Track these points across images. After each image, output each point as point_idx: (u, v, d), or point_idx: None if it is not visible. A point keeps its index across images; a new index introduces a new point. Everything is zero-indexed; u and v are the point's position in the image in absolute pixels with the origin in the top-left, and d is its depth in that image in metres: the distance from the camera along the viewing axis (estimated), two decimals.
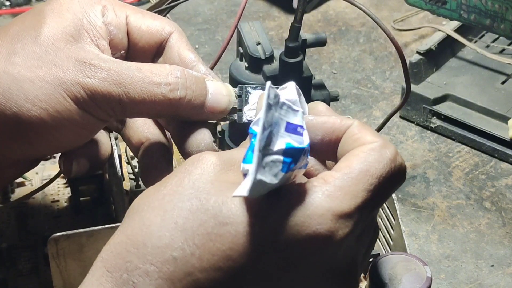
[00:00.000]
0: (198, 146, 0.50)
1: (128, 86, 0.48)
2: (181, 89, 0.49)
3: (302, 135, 0.41)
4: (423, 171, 0.76)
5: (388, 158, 0.42)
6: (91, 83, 0.48)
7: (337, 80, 0.89)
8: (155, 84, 0.48)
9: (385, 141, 0.43)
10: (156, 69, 0.49)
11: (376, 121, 0.82)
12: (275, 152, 0.39)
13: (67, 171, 0.54)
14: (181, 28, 0.54)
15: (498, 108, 0.79)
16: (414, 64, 0.81)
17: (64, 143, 0.51)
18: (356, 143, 0.43)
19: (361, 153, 0.42)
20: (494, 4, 0.74)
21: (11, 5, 0.98)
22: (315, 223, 0.39)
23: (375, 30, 0.96)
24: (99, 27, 0.50)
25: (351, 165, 0.41)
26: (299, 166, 0.41)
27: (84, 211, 0.66)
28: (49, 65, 0.48)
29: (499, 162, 0.77)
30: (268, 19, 0.99)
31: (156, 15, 0.54)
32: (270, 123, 0.39)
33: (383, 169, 0.42)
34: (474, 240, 0.69)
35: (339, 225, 0.40)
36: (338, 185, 0.40)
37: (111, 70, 0.48)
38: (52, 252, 0.54)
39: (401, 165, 0.43)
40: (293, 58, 0.61)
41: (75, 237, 0.54)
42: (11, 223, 0.65)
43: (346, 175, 0.41)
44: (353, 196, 0.40)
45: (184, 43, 0.53)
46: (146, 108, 0.49)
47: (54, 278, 0.55)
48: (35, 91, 0.47)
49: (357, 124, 0.44)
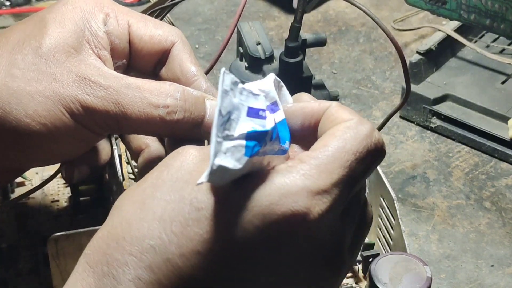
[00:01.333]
0: None
1: (126, 106, 0.48)
2: (179, 112, 0.49)
3: (265, 119, 0.41)
4: (423, 171, 0.76)
5: (364, 134, 0.42)
6: (89, 100, 0.48)
7: (337, 80, 0.89)
8: (153, 106, 0.48)
9: (361, 118, 0.43)
10: (155, 89, 0.49)
11: (376, 121, 0.82)
12: (236, 137, 0.38)
13: (69, 178, 0.55)
14: (183, 34, 0.54)
15: (498, 108, 0.79)
16: (414, 64, 0.81)
17: (61, 155, 0.51)
18: (333, 123, 0.42)
19: (337, 132, 0.41)
20: (494, 4, 0.74)
21: (11, 5, 0.98)
22: (290, 201, 0.39)
23: (375, 30, 0.96)
24: (101, 38, 0.50)
25: (327, 143, 0.41)
26: (268, 150, 0.41)
27: (84, 211, 0.66)
28: (49, 79, 0.48)
29: (499, 162, 0.77)
30: (268, 19, 0.99)
31: (160, 22, 0.54)
32: (228, 109, 0.38)
33: (359, 144, 0.41)
34: (474, 240, 0.69)
35: (315, 202, 0.39)
36: (313, 164, 0.40)
37: (110, 89, 0.48)
38: (52, 252, 0.54)
39: (378, 140, 0.42)
40: (293, 58, 0.61)
41: (75, 237, 0.54)
42: (11, 223, 0.65)
43: (322, 153, 0.40)
44: (329, 173, 0.40)
45: (187, 54, 0.53)
46: (142, 128, 0.49)
47: (54, 278, 0.55)
48: (35, 106, 0.48)
49: (335, 105, 0.43)
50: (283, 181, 0.39)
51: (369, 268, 0.53)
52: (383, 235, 0.62)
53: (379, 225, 0.63)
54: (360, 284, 0.62)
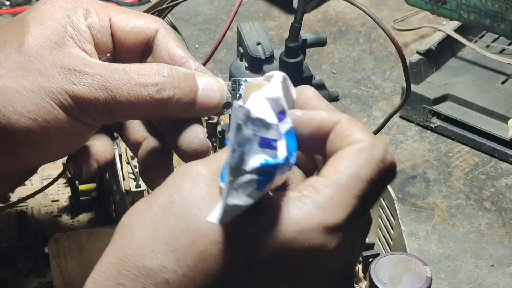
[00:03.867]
0: (192, 143, 0.50)
1: (114, 90, 0.47)
2: (168, 89, 0.48)
3: (277, 149, 0.39)
4: (423, 171, 0.76)
5: (377, 159, 0.40)
6: (77, 89, 0.47)
7: (337, 80, 0.89)
8: (141, 86, 0.48)
9: (373, 139, 0.41)
10: (142, 70, 0.48)
11: (376, 121, 0.82)
12: (248, 172, 0.37)
13: (78, 174, 0.54)
14: (165, 22, 0.54)
15: (498, 108, 0.79)
16: (414, 64, 0.81)
17: (55, 152, 0.51)
18: (344, 142, 0.41)
19: (350, 155, 0.40)
20: (494, 4, 0.74)
21: (11, 5, 0.98)
22: (306, 237, 0.38)
23: (375, 30, 0.96)
24: (83, 31, 0.50)
25: (340, 169, 0.40)
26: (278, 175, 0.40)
27: (84, 211, 0.66)
28: (34, 74, 0.48)
29: (499, 162, 0.77)
30: (268, 19, 0.99)
31: (141, 13, 0.54)
32: (241, 143, 0.37)
33: (372, 171, 0.40)
34: (474, 240, 0.69)
35: (331, 238, 0.39)
36: (328, 195, 0.39)
37: (97, 76, 0.48)
38: (52, 252, 0.54)
39: (391, 163, 0.41)
40: (293, 58, 0.61)
41: (75, 237, 0.54)
42: (11, 223, 0.65)
43: (336, 182, 0.40)
44: (344, 206, 0.39)
45: (172, 39, 0.53)
46: (134, 111, 0.48)
47: (54, 277, 0.55)
48: (23, 102, 0.47)
49: (345, 120, 0.42)
50: (299, 216, 0.39)
51: (369, 268, 0.53)
52: (383, 235, 0.62)
53: (379, 225, 0.63)
54: (360, 284, 0.62)
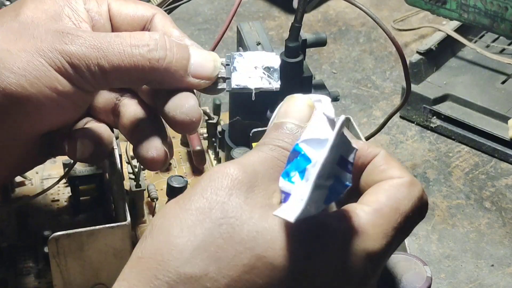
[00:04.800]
0: (182, 107, 0.50)
1: (106, 50, 0.48)
2: (160, 50, 0.49)
3: (351, 173, 0.40)
4: (423, 171, 0.76)
5: (416, 196, 0.42)
6: (68, 48, 0.48)
7: (337, 80, 0.89)
8: (133, 46, 0.49)
9: (412, 177, 0.43)
10: (134, 34, 0.50)
11: (376, 121, 0.82)
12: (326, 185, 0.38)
13: (73, 151, 0.53)
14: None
15: (498, 108, 0.79)
16: (414, 64, 0.81)
17: (52, 117, 0.50)
18: (382, 175, 0.42)
19: (390, 188, 0.42)
20: (494, 4, 0.74)
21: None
22: (355, 265, 0.39)
23: (375, 30, 0.96)
24: (81, 12, 0.51)
25: (381, 200, 0.41)
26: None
27: (84, 211, 0.66)
28: (27, 37, 0.49)
29: (499, 162, 0.77)
30: (268, 19, 0.99)
31: (140, 1, 0.55)
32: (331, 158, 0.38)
33: (411, 207, 0.42)
34: (474, 240, 0.69)
35: (372, 265, 0.40)
36: (370, 221, 0.40)
37: (89, 37, 0.49)
38: (52, 251, 0.54)
39: (426, 201, 0.43)
40: (293, 58, 0.61)
41: (76, 236, 0.54)
42: (11, 223, 0.65)
43: (377, 212, 0.41)
44: (384, 235, 0.40)
45: (169, 22, 0.53)
46: (126, 72, 0.49)
47: (55, 277, 0.55)
48: (13, 59, 0.48)
49: (383, 155, 0.43)
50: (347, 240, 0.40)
51: None
52: None
53: None
54: None
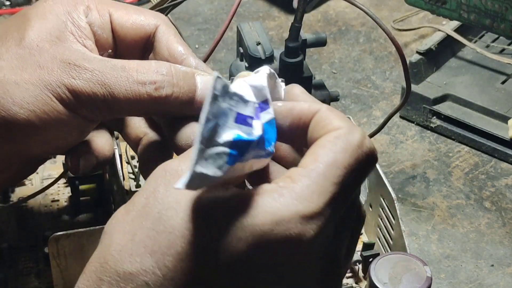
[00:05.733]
0: (188, 139, 0.50)
1: (112, 86, 0.48)
2: (167, 87, 0.48)
3: (252, 126, 0.40)
4: (423, 171, 0.76)
5: (354, 144, 0.40)
6: (75, 84, 0.48)
7: (337, 80, 0.89)
8: (140, 83, 0.48)
9: (351, 125, 0.41)
10: (141, 67, 0.49)
11: (376, 121, 0.82)
12: (221, 144, 0.37)
13: (75, 168, 0.53)
14: (166, 18, 0.54)
15: (498, 108, 0.79)
16: (414, 64, 0.81)
17: (56, 143, 0.51)
18: (323, 130, 0.41)
19: (327, 143, 0.40)
20: (494, 4, 0.74)
21: (11, 5, 0.98)
22: (284, 228, 0.38)
23: (375, 30, 0.96)
24: (84, 28, 0.50)
25: (317, 158, 0.40)
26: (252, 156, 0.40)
27: (84, 211, 0.66)
28: (33, 66, 0.48)
29: (499, 162, 0.77)
30: (268, 19, 0.99)
31: (141, 9, 0.54)
32: (216, 115, 0.37)
33: (350, 157, 0.40)
34: (474, 240, 0.69)
35: (309, 226, 0.38)
36: (305, 184, 0.39)
37: (96, 71, 0.48)
38: (52, 252, 0.54)
39: (369, 149, 0.41)
40: (293, 58, 0.61)
41: (76, 237, 0.54)
42: (11, 223, 0.65)
43: (313, 171, 0.39)
44: (321, 193, 0.39)
45: (172, 35, 0.53)
46: (132, 107, 0.49)
47: (55, 277, 0.55)
48: (22, 93, 0.47)
49: (324, 109, 0.42)
50: (276, 207, 0.38)
51: (369, 268, 0.53)
52: (383, 235, 0.62)
53: (379, 225, 0.63)
54: (360, 284, 0.62)
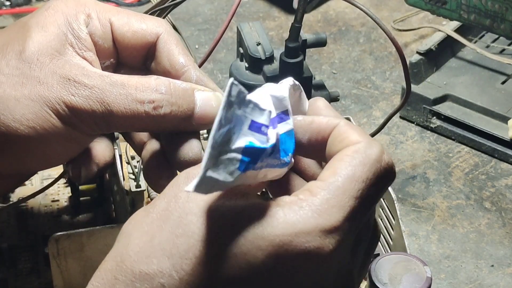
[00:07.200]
0: (186, 156, 0.50)
1: (111, 105, 0.48)
2: (165, 106, 0.49)
3: (267, 135, 0.40)
4: (423, 171, 0.76)
5: (373, 159, 0.40)
6: (74, 101, 0.48)
7: (337, 80, 0.89)
8: (138, 102, 0.48)
9: (369, 140, 0.41)
10: (140, 85, 0.49)
11: (376, 121, 0.82)
12: (233, 150, 0.38)
13: (77, 177, 0.54)
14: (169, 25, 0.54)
15: (498, 108, 0.79)
16: (414, 64, 0.81)
17: (54, 158, 0.51)
18: (341, 145, 0.42)
19: (345, 157, 0.41)
20: (494, 4, 0.74)
21: (11, 5, 0.98)
22: (303, 241, 0.38)
23: (375, 30, 0.96)
24: (84, 40, 0.50)
25: (336, 171, 0.40)
26: (266, 165, 0.40)
27: (84, 211, 0.66)
28: (33, 82, 0.48)
29: (499, 162, 0.77)
30: (268, 19, 0.99)
31: (144, 16, 0.53)
32: (230, 120, 0.37)
33: (368, 171, 0.40)
34: (474, 240, 0.69)
35: (328, 240, 0.39)
36: (324, 197, 0.39)
37: (95, 88, 0.48)
38: (52, 252, 0.54)
39: (388, 164, 0.41)
40: (293, 59, 0.61)
41: (76, 237, 0.54)
42: (11, 223, 0.65)
43: (332, 185, 0.40)
44: (340, 208, 0.39)
45: (174, 45, 0.52)
46: (130, 124, 0.49)
47: (55, 277, 0.55)
48: (21, 110, 0.47)
49: (343, 124, 0.42)
50: (296, 219, 0.39)
51: (369, 268, 0.53)
52: (383, 235, 0.62)
53: (379, 225, 0.63)
54: (360, 284, 0.62)
